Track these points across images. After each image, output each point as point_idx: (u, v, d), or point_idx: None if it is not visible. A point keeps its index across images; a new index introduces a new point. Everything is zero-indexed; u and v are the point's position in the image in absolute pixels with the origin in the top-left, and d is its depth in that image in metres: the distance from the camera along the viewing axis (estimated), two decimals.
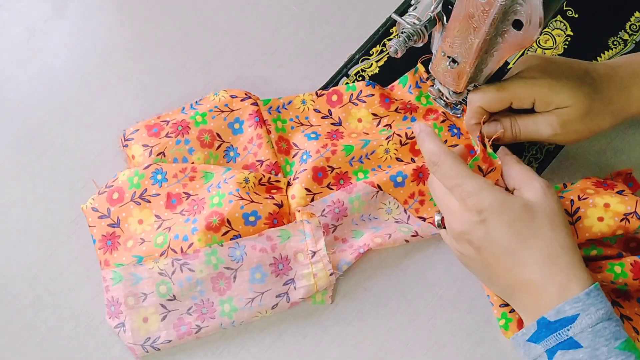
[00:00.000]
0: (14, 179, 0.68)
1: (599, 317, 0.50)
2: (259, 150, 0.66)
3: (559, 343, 0.50)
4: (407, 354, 0.61)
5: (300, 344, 0.62)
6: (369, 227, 0.64)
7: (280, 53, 0.73)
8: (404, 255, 0.65)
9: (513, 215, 0.53)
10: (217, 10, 0.76)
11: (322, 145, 0.66)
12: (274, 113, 0.69)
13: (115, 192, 0.64)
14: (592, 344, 0.50)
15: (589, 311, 0.50)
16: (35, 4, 0.76)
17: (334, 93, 0.70)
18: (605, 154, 0.68)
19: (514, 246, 0.53)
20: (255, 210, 0.62)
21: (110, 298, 0.61)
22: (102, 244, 0.64)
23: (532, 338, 0.52)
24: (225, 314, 0.61)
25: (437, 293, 0.63)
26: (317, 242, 0.62)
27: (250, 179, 0.63)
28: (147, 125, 0.67)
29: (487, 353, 0.61)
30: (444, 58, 0.61)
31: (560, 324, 0.51)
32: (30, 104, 0.71)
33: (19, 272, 0.65)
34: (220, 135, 0.67)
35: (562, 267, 0.52)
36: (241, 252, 0.61)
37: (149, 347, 0.60)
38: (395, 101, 0.69)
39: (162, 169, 0.65)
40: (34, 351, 0.62)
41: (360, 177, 0.66)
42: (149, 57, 0.74)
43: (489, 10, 0.53)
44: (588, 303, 0.51)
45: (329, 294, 0.63)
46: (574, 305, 0.51)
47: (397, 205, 0.65)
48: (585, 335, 0.50)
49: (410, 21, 0.59)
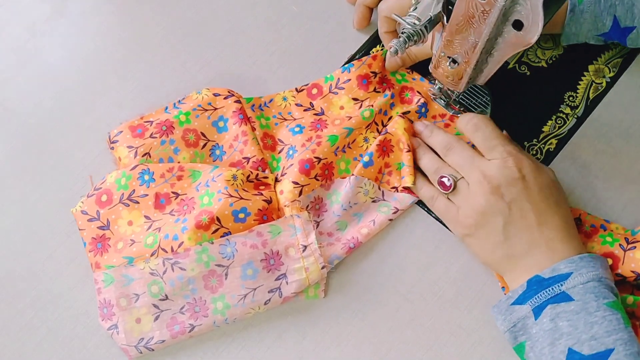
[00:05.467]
0: (14, 179, 0.68)
1: (591, 277, 0.55)
2: (244, 147, 0.66)
3: (550, 298, 0.55)
4: (407, 354, 0.61)
5: (300, 344, 0.62)
6: (351, 215, 0.65)
7: (280, 53, 0.73)
8: (404, 255, 0.65)
9: (544, 180, 0.60)
10: (217, 10, 0.76)
11: (307, 139, 0.66)
12: (257, 110, 0.69)
13: (104, 195, 0.64)
14: (583, 298, 0.54)
15: (581, 271, 0.55)
16: (35, 4, 0.76)
17: (314, 87, 0.70)
18: (605, 154, 0.68)
19: (543, 207, 0.58)
20: (244, 207, 0.62)
21: (103, 300, 0.61)
22: (92, 247, 0.63)
23: (518, 300, 0.56)
24: (218, 311, 0.61)
25: (437, 293, 0.64)
26: (308, 236, 0.62)
27: (238, 176, 0.63)
28: (130, 127, 0.67)
29: (487, 353, 0.61)
30: (444, 58, 0.61)
31: (554, 280, 0.55)
32: (30, 104, 0.71)
33: (19, 272, 0.65)
34: (205, 134, 0.67)
35: (573, 235, 0.59)
36: (232, 249, 0.61)
37: (143, 347, 0.60)
38: (372, 81, 0.69)
39: (149, 169, 0.64)
40: (34, 351, 0.62)
41: (342, 167, 0.66)
42: (149, 57, 0.74)
43: (489, 10, 0.53)
44: (581, 265, 0.56)
45: (322, 288, 0.63)
46: (569, 265, 0.56)
47: (371, 184, 0.66)
48: (577, 290, 0.54)
49: (410, 21, 0.59)
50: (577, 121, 0.70)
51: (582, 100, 0.70)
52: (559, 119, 0.70)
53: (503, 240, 0.59)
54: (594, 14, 0.66)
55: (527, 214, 0.58)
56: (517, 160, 0.59)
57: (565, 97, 0.70)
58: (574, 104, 0.70)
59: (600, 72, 0.71)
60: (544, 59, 0.72)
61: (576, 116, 0.70)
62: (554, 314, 0.54)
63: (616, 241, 0.61)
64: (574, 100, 0.70)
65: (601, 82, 0.71)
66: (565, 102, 0.70)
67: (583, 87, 0.71)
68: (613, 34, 0.67)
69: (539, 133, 0.69)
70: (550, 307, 0.54)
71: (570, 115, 0.70)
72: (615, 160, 0.68)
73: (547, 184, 0.60)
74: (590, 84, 0.71)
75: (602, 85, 0.71)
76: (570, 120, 0.70)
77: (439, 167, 0.63)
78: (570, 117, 0.70)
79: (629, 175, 0.67)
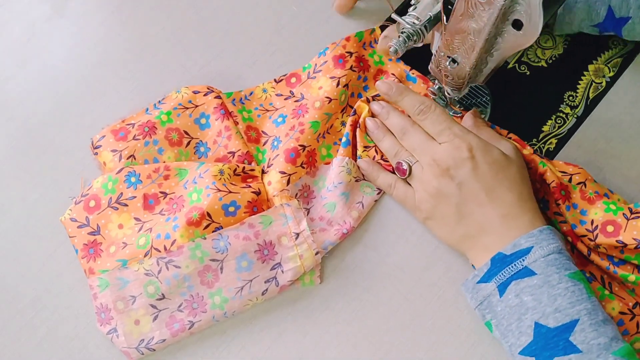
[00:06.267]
0: (14, 179, 0.68)
1: (551, 249, 0.55)
2: (228, 142, 0.67)
3: (514, 274, 0.55)
4: (407, 354, 0.61)
5: (300, 343, 0.62)
6: (338, 195, 0.65)
7: (280, 53, 0.73)
8: (404, 255, 0.65)
9: (494, 158, 0.60)
10: (217, 10, 0.76)
11: (290, 128, 0.67)
12: (238, 104, 0.69)
13: (92, 200, 0.64)
14: (545, 271, 0.54)
15: (542, 244, 0.56)
16: (35, 4, 0.76)
17: (292, 76, 0.71)
18: (605, 154, 0.68)
19: (493, 184, 0.59)
20: (234, 200, 0.62)
21: (99, 305, 0.61)
22: (84, 253, 0.63)
23: (483, 278, 0.57)
24: (216, 306, 0.61)
25: (437, 293, 0.64)
26: (300, 224, 0.63)
27: (225, 170, 0.64)
28: (113, 131, 0.67)
29: (487, 353, 0.61)
30: (444, 58, 0.61)
31: (516, 256, 0.56)
32: (30, 104, 0.71)
33: (19, 272, 0.65)
34: (187, 132, 0.67)
35: (529, 209, 0.59)
36: (225, 242, 0.61)
37: (144, 349, 0.60)
38: (348, 59, 0.70)
39: (135, 171, 0.64)
40: (34, 351, 0.62)
41: (324, 153, 0.67)
42: (149, 57, 0.74)
43: (489, 10, 0.53)
44: (541, 238, 0.56)
45: (317, 274, 0.63)
46: (529, 239, 0.56)
47: (352, 163, 0.67)
48: (539, 264, 0.55)
49: (410, 21, 0.59)
50: (577, 121, 0.70)
51: (582, 99, 0.70)
52: (559, 118, 0.70)
53: (458, 221, 0.60)
54: (587, 3, 0.66)
55: (477, 193, 0.59)
56: (464, 140, 0.60)
57: (565, 96, 0.70)
58: (573, 103, 0.70)
59: (600, 72, 0.71)
60: (544, 59, 0.72)
61: (576, 116, 0.70)
62: (519, 290, 0.55)
63: (620, 210, 0.61)
64: (573, 100, 0.70)
65: (601, 82, 0.71)
66: (565, 101, 0.70)
67: (583, 87, 0.71)
68: (608, 25, 0.67)
69: (539, 133, 0.69)
70: (515, 282, 0.55)
71: (570, 115, 0.70)
72: (615, 160, 0.68)
73: (496, 160, 0.60)
74: (590, 84, 0.71)
75: (602, 85, 0.71)
76: (570, 120, 0.70)
77: (397, 151, 0.65)
78: (570, 117, 0.70)
79: (629, 175, 0.67)
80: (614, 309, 0.59)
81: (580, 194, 0.62)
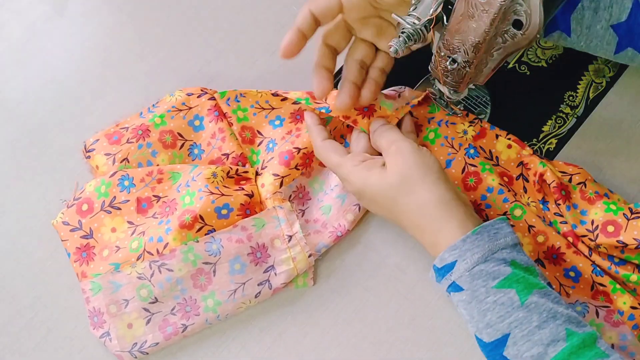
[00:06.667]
0: (14, 179, 0.68)
1: (475, 260, 0.53)
2: (223, 144, 0.66)
3: (448, 287, 0.55)
4: (407, 354, 0.61)
5: (300, 344, 0.62)
6: (334, 198, 0.65)
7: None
8: (404, 255, 0.65)
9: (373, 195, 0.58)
10: (217, 10, 0.76)
11: (287, 132, 0.67)
12: (232, 104, 0.68)
13: (85, 204, 0.64)
14: (470, 286, 0.53)
15: (465, 257, 0.53)
16: (35, 4, 0.76)
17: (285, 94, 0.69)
18: (605, 154, 0.68)
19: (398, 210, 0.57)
20: (226, 203, 0.62)
21: (92, 309, 0.61)
22: (77, 257, 0.63)
23: (436, 279, 0.56)
24: (209, 309, 0.61)
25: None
26: (292, 226, 0.63)
27: (218, 173, 0.63)
28: (106, 134, 0.67)
29: None
30: (444, 58, 0.61)
31: (445, 270, 0.54)
32: (30, 104, 0.71)
33: (19, 272, 0.65)
34: (181, 134, 0.67)
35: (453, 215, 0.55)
36: (217, 245, 0.61)
37: (137, 352, 0.60)
38: None
39: (129, 174, 0.64)
40: (34, 351, 0.62)
41: None
42: (149, 57, 0.74)
43: (489, 10, 0.53)
44: (464, 249, 0.54)
45: (310, 276, 0.63)
46: (452, 253, 0.54)
47: None
48: (465, 279, 0.53)
49: (410, 21, 0.59)
50: (577, 121, 0.69)
51: (582, 100, 0.70)
52: (559, 118, 0.70)
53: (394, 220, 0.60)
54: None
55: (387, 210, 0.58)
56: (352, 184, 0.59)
57: (565, 96, 0.70)
58: (573, 103, 0.70)
59: (600, 72, 0.71)
60: (544, 59, 0.72)
61: (576, 116, 0.70)
62: (456, 302, 0.54)
63: (620, 210, 0.61)
64: (573, 100, 0.70)
65: (601, 82, 0.71)
66: (565, 101, 0.70)
67: (583, 87, 0.71)
68: None
69: (539, 133, 0.69)
70: (452, 294, 0.55)
71: (570, 115, 0.70)
72: (615, 160, 0.68)
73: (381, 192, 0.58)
74: (590, 84, 0.71)
75: (602, 85, 0.71)
76: (570, 120, 0.70)
77: None
78: (570, 117, 0.70)
79: (629, 175, 0.67)
80: (625, 303, 0.59)
81: (580, 194, 0.62)
